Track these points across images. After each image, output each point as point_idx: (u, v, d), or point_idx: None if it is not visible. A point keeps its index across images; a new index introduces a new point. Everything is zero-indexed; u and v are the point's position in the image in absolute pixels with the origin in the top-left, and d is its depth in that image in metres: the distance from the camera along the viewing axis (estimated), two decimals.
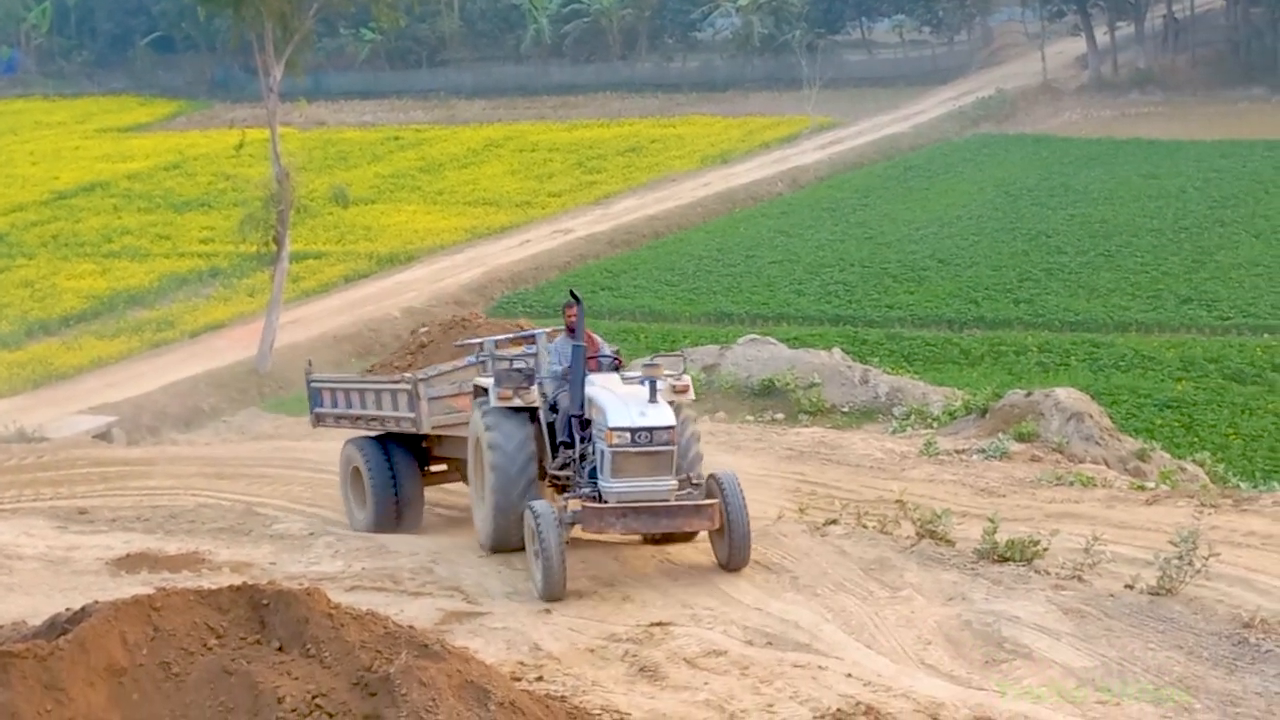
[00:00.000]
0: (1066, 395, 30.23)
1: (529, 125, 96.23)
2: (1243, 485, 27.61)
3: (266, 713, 12.64)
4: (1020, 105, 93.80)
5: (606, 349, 20.38)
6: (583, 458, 18.78)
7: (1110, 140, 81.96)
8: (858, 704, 14.66)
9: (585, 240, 64.88)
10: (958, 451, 27.89)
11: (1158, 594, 17.17)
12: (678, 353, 22.82)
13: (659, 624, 16.83)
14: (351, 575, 20.21)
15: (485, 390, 20.14)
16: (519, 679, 15.44)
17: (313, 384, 24.78)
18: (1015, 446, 27.69)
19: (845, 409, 35.53)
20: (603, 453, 17.90)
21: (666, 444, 17.75)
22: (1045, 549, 18.65)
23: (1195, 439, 36.18)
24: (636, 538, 19.35)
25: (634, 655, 16.47)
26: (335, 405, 24.18)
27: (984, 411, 31.10)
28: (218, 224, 67.86)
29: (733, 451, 27.59)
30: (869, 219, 67.57)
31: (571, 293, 20.01)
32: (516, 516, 18.87)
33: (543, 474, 19.58)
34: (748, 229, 67.34)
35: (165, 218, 73.65)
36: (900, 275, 57.06)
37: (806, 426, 33.25)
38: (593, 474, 18.32)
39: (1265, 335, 46.52)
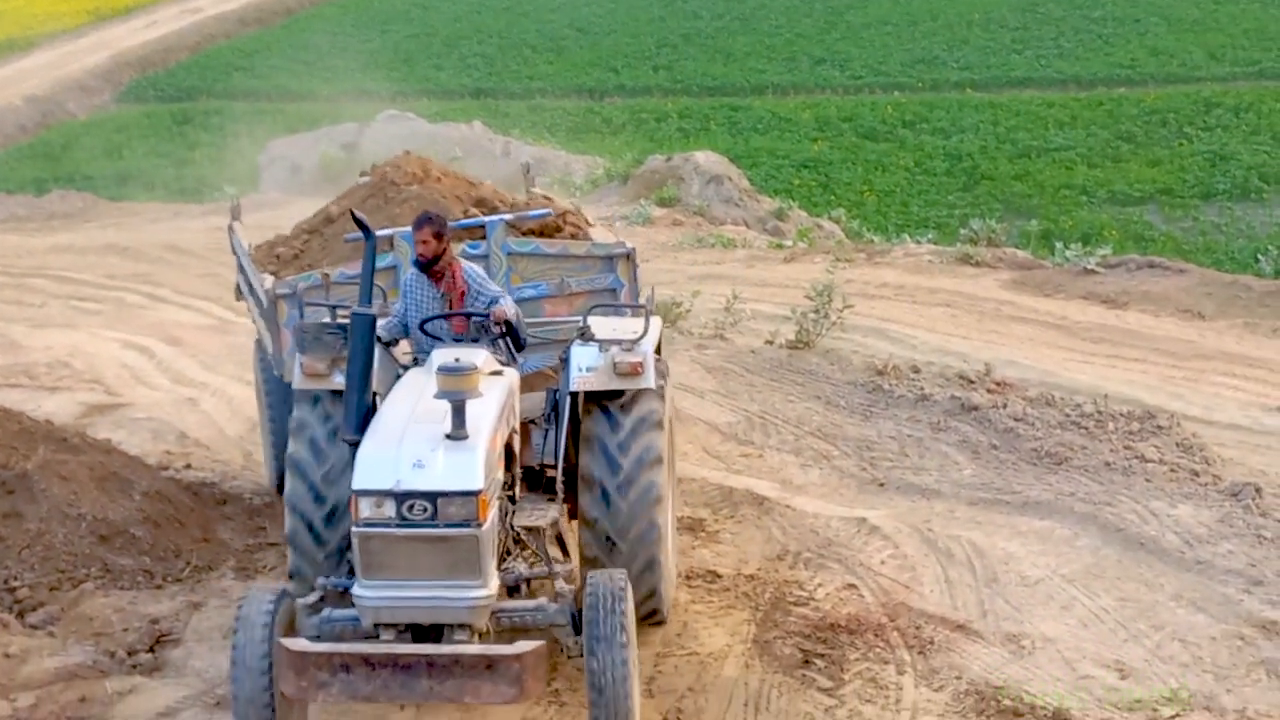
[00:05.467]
0: (706, 159, 30.71)
1: None
2: (876, 239, 28.45)
3: None
4: None
5: (490, 291, 11.05)
6: None
7: None
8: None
9: (215, 19, 62.90)
10: (601, 219, 28.07)
11: (796, 347, 17.71)
12: (643, 303, 11.97)
13: None
14: None
15: None
16: (166, 468, 15.23)
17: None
18: (657, 212, 28.05)
19: (487, 180, 35.40)
20: (349, 533, 9.75)
21: (464, 523, 9.37)
22: (688, 311, 19.03)
23: (832, 197, 37.03)
24: None
25: None
26: (242, 271, 14.67)
27: (626, 178, 31.43)
28: None
29: None
30: None
31: (353, 214, 10.92)
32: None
33: None
34: (381, 3, 66.09)
35: None
36: (539, 46, 56.75)
37: None
38: None
39: (895, 93, 47.65)
